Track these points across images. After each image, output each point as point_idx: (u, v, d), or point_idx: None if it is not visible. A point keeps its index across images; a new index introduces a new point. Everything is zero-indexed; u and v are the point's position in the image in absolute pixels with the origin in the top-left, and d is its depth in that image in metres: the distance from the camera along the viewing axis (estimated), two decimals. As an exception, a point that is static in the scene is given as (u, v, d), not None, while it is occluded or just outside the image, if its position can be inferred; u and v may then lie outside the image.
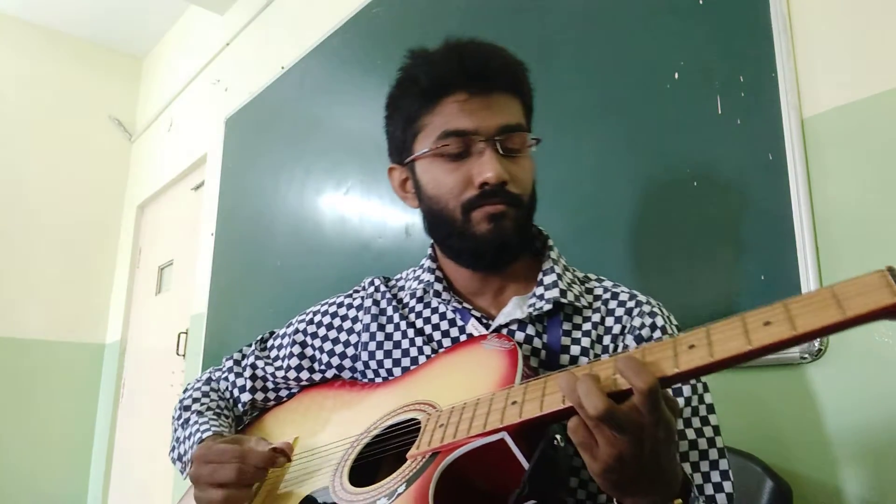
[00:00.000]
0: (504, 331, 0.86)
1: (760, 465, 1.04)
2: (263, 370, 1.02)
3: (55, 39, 4.23)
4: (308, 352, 1.00)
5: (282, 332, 1.04)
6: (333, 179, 2.34)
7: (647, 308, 0.87)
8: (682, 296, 1.23)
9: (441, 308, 0.91)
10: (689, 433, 0.79)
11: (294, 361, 1.00)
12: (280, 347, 1.02)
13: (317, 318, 1.01)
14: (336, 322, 0.99)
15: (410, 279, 0.98)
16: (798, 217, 1.11)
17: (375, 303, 0.97)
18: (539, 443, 0.61)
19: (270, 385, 1.02)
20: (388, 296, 0.97)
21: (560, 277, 0.88)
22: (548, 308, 0.85)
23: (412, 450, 0.71)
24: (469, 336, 0.87)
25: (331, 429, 0.90)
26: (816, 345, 1.07)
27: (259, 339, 1.07)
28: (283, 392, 1.03)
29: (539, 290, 0.87)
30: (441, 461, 0.66)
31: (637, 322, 0.85)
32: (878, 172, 1.06)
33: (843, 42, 1.13)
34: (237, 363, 1.05)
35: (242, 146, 3.06)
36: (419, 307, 0.93)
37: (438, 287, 0.91)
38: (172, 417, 1.01)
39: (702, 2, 1.31)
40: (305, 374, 1.00)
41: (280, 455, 0.84)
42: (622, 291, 0.90)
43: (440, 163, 0.86)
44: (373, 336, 0.94)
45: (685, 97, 1.31)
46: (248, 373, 1.02)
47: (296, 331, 1.01)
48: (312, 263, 2.38)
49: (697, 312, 1.20)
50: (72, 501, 3.97)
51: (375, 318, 0.95)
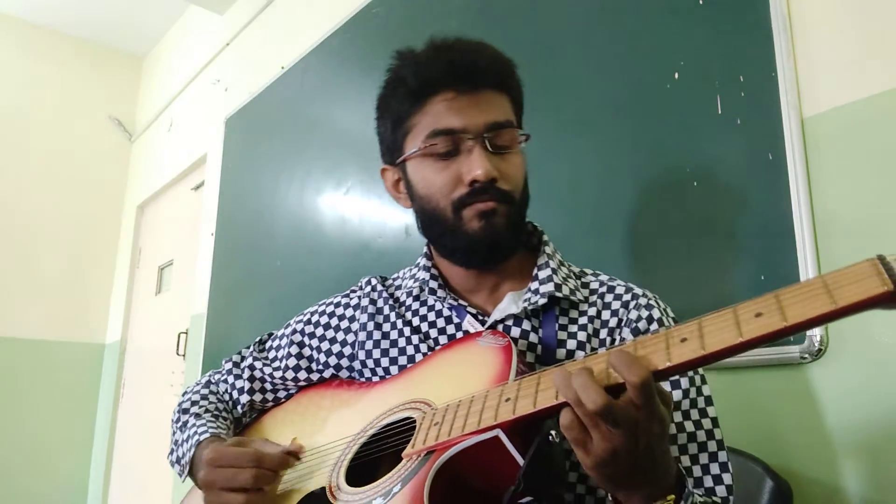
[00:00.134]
0: (500, 326, 0.86)
1: (760, 465, 1.04)
2: (262, 371, 1.02)
3: (55, 39, 4.24)
4: (306, 352, 1.00)
5: (280, 334, 1.04)
6: (333, 179, 2.33)
7: (644, 300, 0.86)
8: (682, 295, 1.23)
9: (437, 306, 0.91)
10: (688, 425, 0.79)
11: (292, 362, 1.00)
12: (278, 348, 1.02)
13: (314, 319, 1.01)
14: (333, 322, 0.99)
15: (407, 278, 0.98)
16: (798, 217, 1.11)
17: (372, 302, 0.97)
18: (534, 439, 0.61)
19: (269, 386, 1.02)
20: (385, 295, 0.97)
21: (555, 272, 0.87)
22: (543, 302, 0.85)
23: (407, 448, 0.71)
24: (465, 333, 0.87)
25: (328, 429, 0.89)
26: (816, 345, 1.07)
27: (257, 341, 1.07)
28: (282, 393, 1.03)
29: (534, 285, 0.87)
30: (436, 460, 0.66)
31: (633, 315, 0.85)
32: (878, 172, 1.06)
33: (843, 42, 1.13)
34: (236, 365, 1.05)
35: (242, 146, 3.06)
36: (416, 305, 0.93)
37: (434, 285, 0.91)
38: (171, 421, 1.01)
39: (702, 2, 1.31)
40: (304, 375, 1.00)
41: (291, 457, 0.83)
42: (618, 285, 0.89)
43: (430, 162, 0.86)
44: (370, 335, 0.94)
45: (685, 97, 1.31)
46: (247, 374, 1.02)
47: (293, 331, 1.02)
48: (312, 263, 2.37)
49: (697, 312, 1.18)
50: (72, 501, 3.97)
51: (372, 318, 0.95)
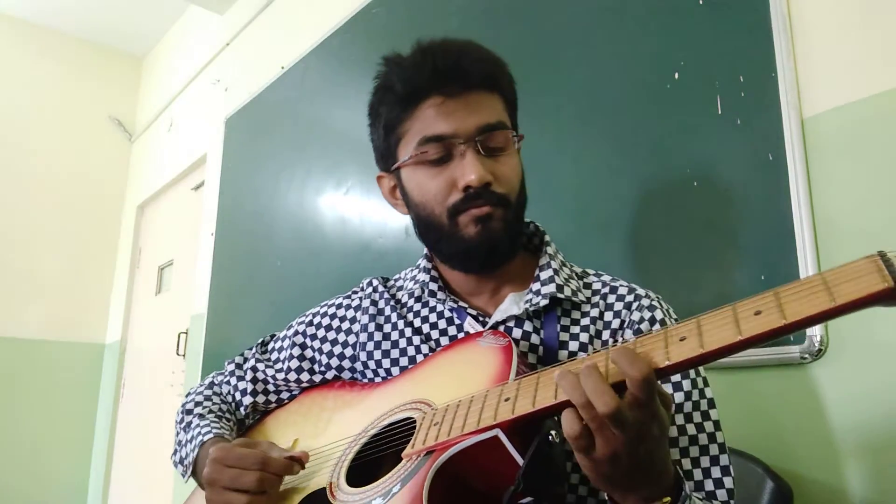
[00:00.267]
0: (501, 327, 0.85)
1: (761, 466, 1.03)
2: (264, 373, 1.02)
3: (55, 39, 4.23)
4: (308, 353, 1.00)
5: (282, 335, 1.05)
6: (333, 179, 2.33)
7: (646, 301, 0.86)
8: (682, 296, 1.23)
9: (438, 307, 0.91)
10: (690, 428, 0.78)
11: (294, 363, 1.00)
12: (280, 350, 1.02)
13: (316, 320, 1.01)
14: (335, 323, 0.99)
15: (408, 279, 0.98)
16: (798, 217, 1.11)
17: (373, 303, 0.97)
18: (534, 439, 0.60)
19: (271, 387, 1.02)
20: (387, 296, 0.96)
21: (557, 273, 0.87)
22: (544, 303, 0.84)
23: (407, 449, 0.71)
24: (466, 334, 0.86)
25: (330, 429, 0.89)
26: (817, 345, 1.07)
27: (260, 343, 1.07)
28: (285, 394, 1.03)
29: (535, 286, 0.86)
30: (435, 460, 0.66)
31: (636, 316, 0.84)
32: (878, 172, 1.06)
33: (843, 42, 1.13)
34: (239, 367, 1.05)
35: (242, 146, 3.05)
36: (417, 307, 0.93)
37: (434, 287, 0.91)
38: (175, 422, 1.01)
39: (702, 2, 1.31)
40: (306, 376, 1.00)
41: (296, 463, 0.83)
42: (621, 285, 0.89)
43: (423, 169, 0.85)
44: (371, 336, 0.94)
45: (685, 97, 1.31)
46: (250, 376, 1.02)
47: (295, 332, 1.02)
48: (313, 264, 2.37)
49: (696, 312, 1.19)
50: (72, 501, 3.97)
51: (373, 319, 0.95)
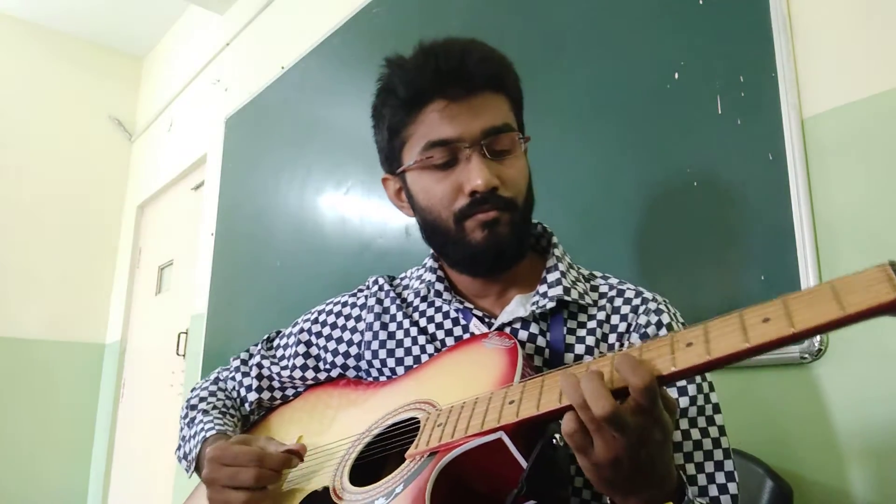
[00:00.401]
0: (507, 329, 0.85)
1: (761, 466, 1.03)
2: (269, 370, 1.02)
3: (55, 39, 4.23)
4: (313, 351, 1.00)
5: (287, 332, 1.04)
6: (334, 179, 2.33)
7: (653, 305, 0.85)
8: (682, 296, 1.22)
9: (444, 308, 0.91)
10: (694, 433, 0.77)
11: (299, 361, 1.00)
12: (286, 347, 1.02)
13: (321, 318, 1.01)
14: (340, 321, 0.99)
15: (414, 278, 0.97)
16: (798, 217, 1.11)
17: (379, 302, 0.97)
18: (538, 442, 0.60)
19: (276, 384, 1.02)
20: (392, 295, 0.96)
21: (564, 275, 0.86)
22: (551, 306, 0.83)
23: (410, 449, 0.71)
24: (472, 335, 0.86)
25: (334, 428, 0.89)
26: (816, 345, 1.07)
27: (265, 339, 1.07)
28: (290, 391, 1.03)
29: (542, 288, 0.86)
30: (439, 461, 0.66)
31: (643, 320, 0.84)
32: (879, 172, 1.06)
33: (843, 42, 1.13)
34: (244, 363, 1.05)
35: (242, 146, 3.05)
36: (423, 306, 0.93)
37: (440, 287, 0.90)
38: (180, 417, 1.01)
39: (702, 2, 1.31)
40: (311, 374, 1.00)
41: (294, 456, 0.83)
42: (628, 289, 0.88)
43: (429, 173, 0.84)
44: (376, 335, 0.94)
45: (685, 97, 1.31)
46: (255, 372, 1.02)
47: (301, 330, 1.02)
48: (313, 263, 2.37)
49: (697, 312, 1.19)
50: (72, 501, 3.97)
51: (379, 317, 0.95)
